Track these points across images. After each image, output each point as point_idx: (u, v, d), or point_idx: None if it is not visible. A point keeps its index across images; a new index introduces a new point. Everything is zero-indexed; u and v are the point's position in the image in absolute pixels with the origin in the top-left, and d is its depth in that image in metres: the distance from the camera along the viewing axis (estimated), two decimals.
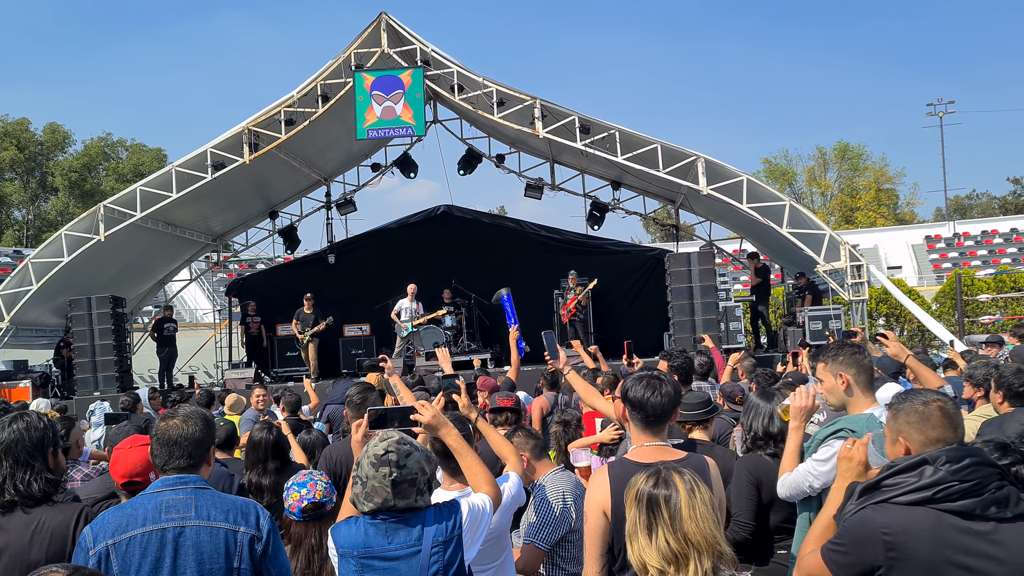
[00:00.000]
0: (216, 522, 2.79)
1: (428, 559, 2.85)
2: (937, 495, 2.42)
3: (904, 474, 2.50)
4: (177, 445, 2.88)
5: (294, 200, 20.23)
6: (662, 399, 3.24)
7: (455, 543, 2.91)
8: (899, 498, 2.46)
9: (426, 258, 18.11)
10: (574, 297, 16.25)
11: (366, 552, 2.87)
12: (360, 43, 15.29)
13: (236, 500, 2.92)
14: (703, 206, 17.91)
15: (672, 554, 2.34)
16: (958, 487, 2.42)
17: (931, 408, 2.65)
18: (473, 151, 18.95)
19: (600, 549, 3.02)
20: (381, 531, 2.88)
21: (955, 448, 2.51)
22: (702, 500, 2.40)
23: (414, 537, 2.88)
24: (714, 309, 14.70)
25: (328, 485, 3.48)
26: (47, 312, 16.93)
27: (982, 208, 63.34)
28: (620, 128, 14.90)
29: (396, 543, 2.87)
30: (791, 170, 61.51)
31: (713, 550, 2.34)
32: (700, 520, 2.36)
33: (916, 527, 2.41)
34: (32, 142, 52.26)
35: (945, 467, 2.44)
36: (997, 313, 24.77)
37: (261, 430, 4.71)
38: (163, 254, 18.67)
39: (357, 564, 2.87)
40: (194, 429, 2.92)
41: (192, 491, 2.84)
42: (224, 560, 2.77)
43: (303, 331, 16.17)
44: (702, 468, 3.18)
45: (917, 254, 42.27)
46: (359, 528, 2.92)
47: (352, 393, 5.06)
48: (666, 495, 2.42)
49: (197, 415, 2.95)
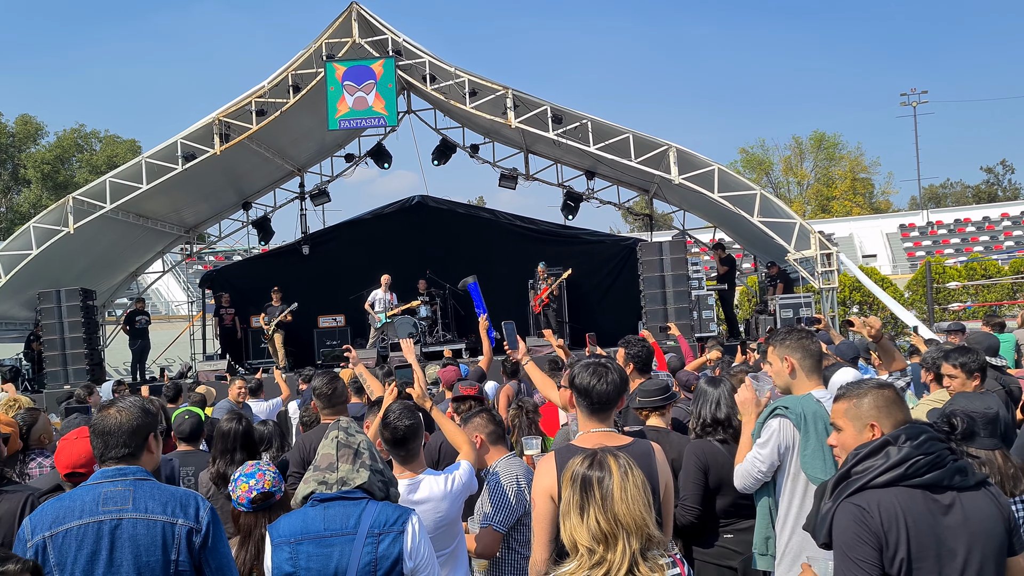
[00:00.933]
0: (153, 514, 2.77)
1: (361, 546, 2.81)
2: (908, 471, 2.48)
3: (871, 458, 2.55)
4: (112, 435, 2.86)
5: (267, 191, 20.11)
6: (607, 387, 3.27)
7: (392, 538, 2.85)
8: (874, 481, 2.51)
9: (401, 249, 18.08)
10: (545, 287, 16.27)
11: (302, 537, 2.85)
12: (331, 33, 15.21)
13: (176, 491, 2.90)
14: (676, 196, 17.99)
15: (602, 534, 2.39)
16: (924, 460, 2.49)
17: (890, 392, 2.75)
18: (447, 141, 18.91)
19: (549, 534, 3.06)
20: (319, 514, 2.88)
21: (911, 426, 2.59)
22: (634, 483, 2.44)
23: (351, 523, 2.85)
24: (686, 298, 14.79)
25: (276, 475, 3.49)
26: (16, 305, 16.76)
27: (956, 197, 64.02)
28: (592, 118, 14.93)
29: (331, 528, 2.84)
30: (768, 160, 61.84)
31: (642, 532, 2.39)
32: (631, 502, 2.41)
33: (897, 506, 2.46)
34: (4, 134, 51.56)
35: (907, 444, 2.51)
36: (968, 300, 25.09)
37: (230, 420, 4.70)
38: (135, 246, 18.51)
39: (290, 551, 2.84)
40: (130, 418, 2.89)
41: (131, 482, 2.82)
42: (161, 553, 2.75)
43: (268, 323, 16.14)
44: (647, 453, 3.23)
45: (891, 243, 42.68)
46: (299, 515, 2.93)
47: (319, 384, 5.08)
48: (599, 476, 2.46)
49: (133, 404, 2.94)
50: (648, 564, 2.38)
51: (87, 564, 2.71)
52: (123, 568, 2.73)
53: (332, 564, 2.81)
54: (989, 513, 2.49)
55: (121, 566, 2.72)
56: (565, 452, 3.17)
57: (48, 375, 15.34)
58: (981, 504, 2.49)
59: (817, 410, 3.59)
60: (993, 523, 2.49)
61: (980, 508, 2.49)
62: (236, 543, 3.41)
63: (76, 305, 15.34)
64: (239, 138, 15.33)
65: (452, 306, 17.70)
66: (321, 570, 2.82)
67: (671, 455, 4.04)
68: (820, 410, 3.59)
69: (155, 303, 33.80)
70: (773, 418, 3.65)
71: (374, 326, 16.25)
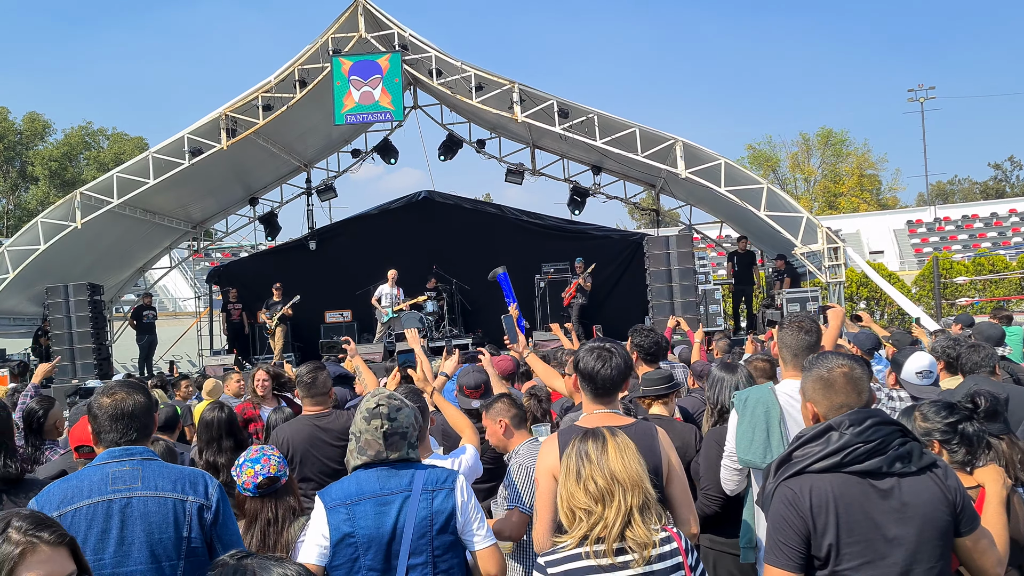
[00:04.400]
0: (164, 492, 2.79)
1: (417, 502, 2.92)
2: (845, 458, 2.51)
3: (812, 443, 2.58)
4: (120, 418, 2.87)
5: (274, 186, 20.15)
6: (611, 371, 3.31)
7: (445, 494, 2.97)
8: (811, 466, 2.54)
9: (407, 244, 18.10)
10: (576, 282, 16.34)
11: (359, 497, 2.94)
12: (337, 28, 15.21)
13: (184, 470, 2.91)
14: (683, 190, 17.95)
15: (599, 492, 2.44)
16: (863, 448, 2.50)
17: (835, 374, 2.70)
18: (453, 136, 18.90)
19: (551, 512, 3.08)
20: (373, 476, 2.99)
21: (857, 411, 2.59)
22: (632, 451, 2.51)
23: (405, 482, 2.97)
24: (693, 292, 14.75)
25: (281, 460, 3.48)
26: (24, 300, 16.83)
27: (964, 193, 63.74)
28: (598, 112, 14.90)
29: (388, 487, 2.96)
30: (775, 156, 61.67)
31: (638, 487, 2.45)
32: (628, 461, 2.48)
33: (829, 492, 2.49)
34: (11, 131, 51.73)
35: (849, 431, 2.53)
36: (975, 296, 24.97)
37: (212, 409, 4.73)
38: (142, 241, 18.57)
39: (347, 511, 2.91)
40: (136, 401, 2.91)
41: (139, 462, 2.83)
42: (173, 530, 2.76)
43: (270, 317, 16.16)
44: (649, 433, 3.24)
45: (899, 239, 42.49)
46: (351, 480, 3.01)
47: (302, 372, 5.05)
48: (595, 444, 2.54)
49: (136, 386, 2.96)
50: (644, 525, 2.43)
51: (97, 543, 2.70)
52: (135, 546, 2.73)
53: (390, 521, 2.91)
54: (929, 498, 2.50)
55: (133, 544, 2.72)
56: (568, 432, 3.19)
57: (56, 370, 15.38)
58: (921, 489, 2.50)
59: (761, 396, 3.67)
60: (934, 507, 2.49)
61: (920, 493, 2.49)
62: (242, 528, 3.41)
63: (84, 300, 15.39)
64: (245, 133, 15.35)
65: (459, 301, 17.72)
66: (378, 527, 2.90)
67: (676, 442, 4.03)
68: (766, 396, 3.66)
69: (162, 299, 33.85)
70: (732, 410, 3.80)
71: (381, 321, 16.28)
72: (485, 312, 17.96)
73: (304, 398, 5.04)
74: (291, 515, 3.41)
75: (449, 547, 2.96)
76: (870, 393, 2.72)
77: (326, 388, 5.08)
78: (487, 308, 18.01)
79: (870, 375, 2.85)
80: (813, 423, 2.72)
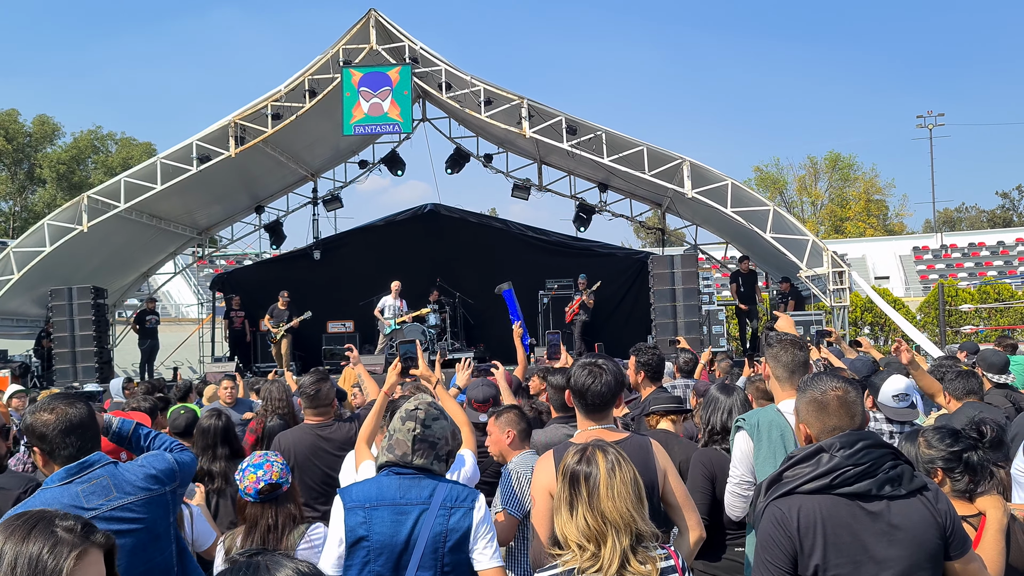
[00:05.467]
0: (144, 493, 2.79)
1: (434, 516, 2.92)
2: (835, 481, 2.51)
3: (802, 464, 2.58)
4: (84, 427, 2.82)
5: (280, 195, 20.19)
6: (602, 387, 3.33)
7: (463, 513, 2.97)
8: (801, 487, 2.54)
9: (412, 256, 18.10)
10: (579, 298, 16.30)
11: (378, 502, 2.96)
12: (349, 39, 15.28)
13: (148, 462, 2.92)
14: (689, 210, 17.96)
15: (590, 531, 2.43)
16: (853, 471, 2.50)
17: (828, 396, 2.69)
18: (461, 150, 18.95)
19: (550, 530, 3.04)
20: (395, 485, 3.00)
21: (848, 434, 2.58)
22: (622, 479, 2.48)
23: (425, 495, 2.98)
24: (696, 312, 14.73)
25: (284, 466, 3.46)
26: (28, 302, 16.84)
27: (970, 221, 63.73)
28: (606, 130, 14.93)
29: (407, 497, 2.97)
30: (782, 178, 61.76)
31: (630, 528, 2.43)
32: (618, 499, 2.44)
33: (817, 513, 2.49)
34: (21, 133, 51.96)
35: (840, 453, 2.53)
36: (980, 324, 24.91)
37: (210, 417, 4.72)
38: (147, 246, 18.59)
39: (364, 515, 2.94)
40: (84, 408, 2.85)
41: (102, 470, 2.76)
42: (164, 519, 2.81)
43: (276, 326, 16.14)
44: (643, 447, 3.23)
45: (905, 265, 42.48)
46: (373, 483, 3.03)
47: (305, 383, 5.06)
48: (586, 472, 2.50)
49: (72, 396, 2.91)
50: (639, 557, 2.41)
51: None
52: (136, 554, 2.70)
53: (404, 531, 2.92)
54: (919, 520, 2.50)
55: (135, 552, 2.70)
56: (563, 449, 3.17)
57: (57, 372, 15.38)
58: (911, 512, 2.49)
59: (773, 419, 3.62)
60: (924, 531, 2.49)
61: (909, 515, 2.49)
62: (241, 532, 3.39)
63: (87, 303, 15.40)
64: (254, 141, 15.39)
65: (461, 315, 17.70)
66: (393, 535, 2.92)
67: (676, 457, 4.01)
68: (777, 419, 3.61)
69: (165, 305, 33.90)
70: (736, 434, 3.70)
71: (383, 332, 16.25)
72: (488, 327, 17.95)
73: (307, 408, 5.05)
74: (291, 522, 3.38)
75: (458, 566, 2.95)
76: (864, 416, 2.71)
77: (329, 399, 5.10)
78: (490, 323, 18.00)
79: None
80: (806, 443, 2.73)
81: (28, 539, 1.57)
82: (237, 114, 15.32)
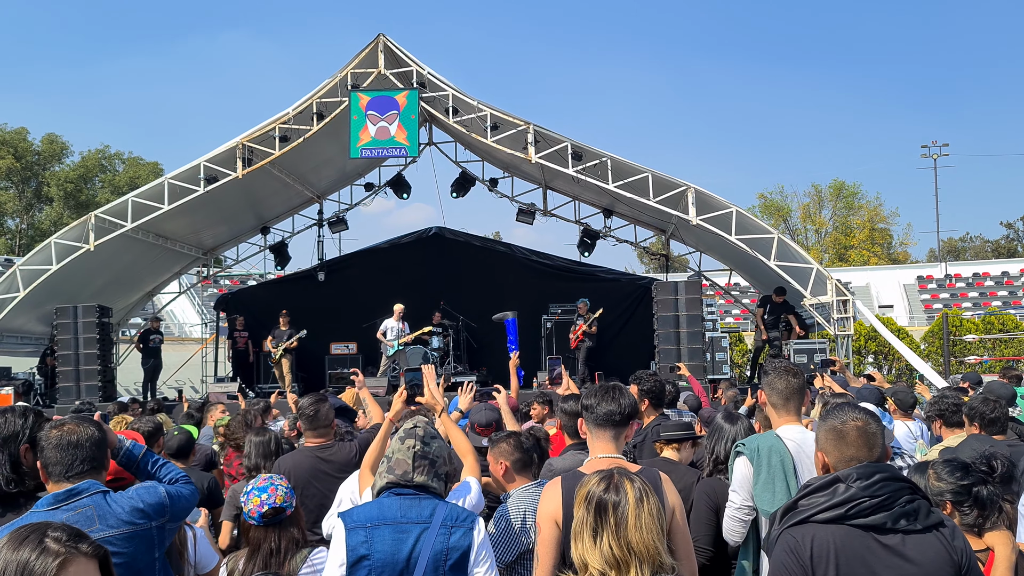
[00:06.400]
0: (127, 527, 2.73)
1: (435, 535, 2.97)
2: (850, 512, 2.49)
3: (818, 493, 2.57)
4: (78, 447, 2.80)
5: (286, 217, 20.27)
6: (620, 407, 3.31)
7: (463, 532, 3.03)
8: (816, 516, 2.53)
9: (416, 279, 18.14)
10: (582, 324, 16.25)
11: (379, 522, 3.01)
12: (357, 63, 15.42)
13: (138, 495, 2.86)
14: (693, 236, 18.00)
15: (615, 560, 2.41)
16: (869, 503, 2.49)
17: (847, 426, 2.69)
18: (467, 174, 19.03)
19: (552, 559, 3.03)
20: (395, 505, 3.05)
21: (866, 465, 2.57)
22: (648, 511, 2.46)
23: (426, 514, 3.04)
24: (699, 339, 14.72)
25: (288, 490, 3.47)
26: (33, 320, 16.88)
27: (975, 251, 63.73)
28: (612, 156, 15.01)
29: (408, 516, 3.03)
30: (786, 206, 61.91)
31: (654, 560, 2.42)
32: (645, 531, 2.43)
33: (831, 543, 2.48)
34: (29, 151, 52.33)
35: (856, 484, 2.51)
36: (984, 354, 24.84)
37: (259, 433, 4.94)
38: (153, 266, 18.66)
39: (366, 534, 2.99)
40: (91, 431, 2.84)
41: (89, 499, 2.73)
42: (146, 554, 2.77)
43: (276, 347, 16.17)
44: (654, 480, 3.22)
45: (909, 294, 42.43)
46: (374, 504, 3.08)
47: (304, 405, 5.03)
48: (615, 501, 2.49)
49: (86, 419, 2.90)
50: None
51: None
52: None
53: (406, 549, 2.97)
54: (935, 556, 2.47)
55: None
56: (572, 478, 3.16)
57: (60, 390, 15.39)
58: (927, 547, 2.47)
59: (773, 444, 3.62)
60: (939, 567, 2.46)
61: (925, 551, 2.46)
62: (244, 555, 3.39)
63: (92, 322, 15.44)
64: (261, 163, 15.50)
65: (465, 338, 17.70)
66: (394, 554, 2.96)
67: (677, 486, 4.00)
68: (777, 444, 3.61)
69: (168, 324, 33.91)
70: (735, 459, 3.70)
71: (386, 354, 16.26)
72: (490, 350, 17.94)
73: (306, 430, 5.03)
74: (294, 546, 3.38)
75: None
76: (883, 449, 2.69)
77: (328, 420, 5.06)
78: (493, 346, 17.99)
79: None
80: (823, 472, 2.72)
81: (19, 548, 1.71)
82: (245, 136, 15.44)
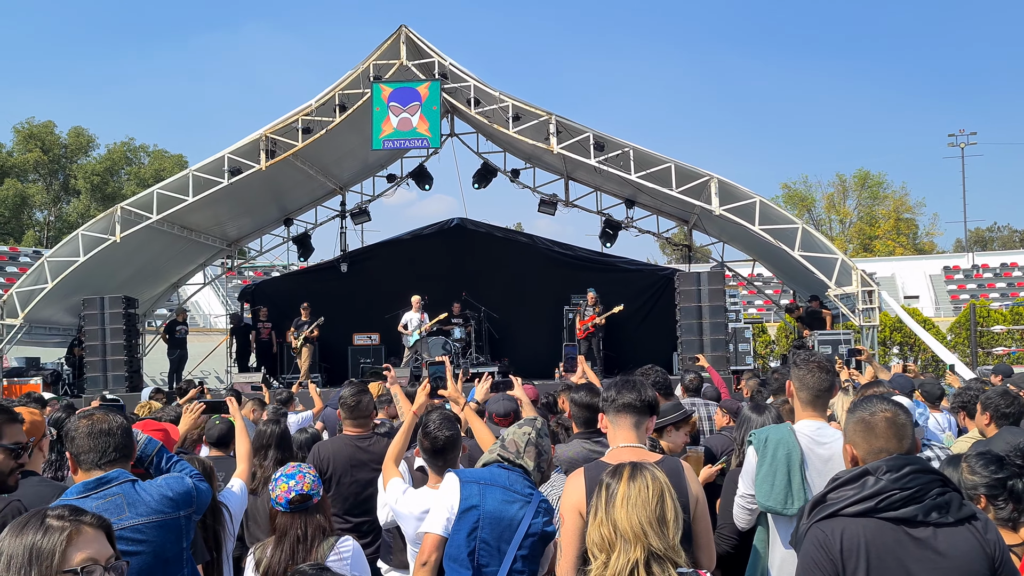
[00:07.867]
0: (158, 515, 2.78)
1: (534, 511, 3.22)
2: (880, 504, 2.46)
3: (847, 486, 2.54)
4: (110, 435, 2.86)
5: (309, 208, 20.37)
6: (643, 394, 3.34)
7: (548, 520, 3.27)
8: (845, 510, 2.50)
9: (438, 270, 18.19)
10: (592, 315, 16.21)
11: (491, 482, 3.28)
12: (379, 55, 15.44)
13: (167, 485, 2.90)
14: (716, 227, 17.89)
15: (603, 540, 2.41)
16: (899, 495, 2.45)
17: (877, 418, 2.65)
18: (488, 165, 19.03)
19: (577, 549, 3.05)
20: (504, 475, 3.32)
21: (896, 457, 2.54)
22: (639, 492, 2.48)
23: (527, 492, 3.29)
24: (722, 329, 14.64)
25: (316, 478, 3.49)
26: (61, 311, 17.11)
27: (1003, 241, 62.86)
28: (634, 146, 14.94)
29: (515, 487, 3.28)
30: (810, 196, 61.36)
31: (640, 542, 2.39)
32: (630, 509, 2.44)
33: (861, 536, 2.45)
34: (56, 145, 53.00)
35: (886, 476, 2.48)
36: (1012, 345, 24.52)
37: (268, 424, 5.05)
38: (178, 257, 18.83)
39: (479, 489, 3.25)
40: (119, 420, 2.90)
41: (119, 487, 2.78)
42: (175, 544, 2.81)
43: (297, 337, 16.32)
44: (676, 471, 3.22)
45: (935, 284, 41.95)
46: (486, 470, 3.37)
47: (346, 395, 5.11)
48: (609, 484, 2.55)
49: (114, 408, 3.00)
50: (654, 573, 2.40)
51: None
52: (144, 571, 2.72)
53: (510, 512, 3.21)
54: (968, 549, 2.43)
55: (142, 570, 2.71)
56: (594, 468, 3.19)
57: (88, 380, 15.61)
58: (959, 540, 2.43)
59: (783, 438, 3.58)
60: (972, 560, 2.42)
61: (957, 544, 2.42)
62: (272, 543, 3.42)
63: (119, 312, 15.64)
64: (285, 155, 15.57)
65: (486, 329, 17.73)
66: (501, 512, 3.20)
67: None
68: (787, 438, 3.57)
69: (193, 315, 34.26)
70: (747, 448, 3.72)
71: (407, 345, 16.33)
72: (512, 341, 17.97)
73: (346, 419, 5.11)
74: (320, 534, 3.41)
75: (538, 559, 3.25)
76: (913, 441, 2.66)
77: (368, 411, 5.16)
78: (515, 337, 18.03)
79: None
80: (852, 465, 2.68)
81: (22, 534, 1.74)
82: (268, 128, 15.51)
